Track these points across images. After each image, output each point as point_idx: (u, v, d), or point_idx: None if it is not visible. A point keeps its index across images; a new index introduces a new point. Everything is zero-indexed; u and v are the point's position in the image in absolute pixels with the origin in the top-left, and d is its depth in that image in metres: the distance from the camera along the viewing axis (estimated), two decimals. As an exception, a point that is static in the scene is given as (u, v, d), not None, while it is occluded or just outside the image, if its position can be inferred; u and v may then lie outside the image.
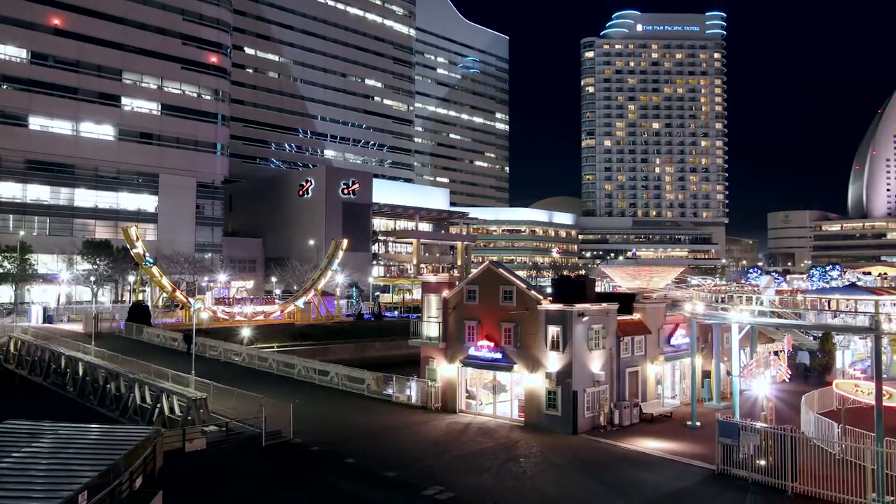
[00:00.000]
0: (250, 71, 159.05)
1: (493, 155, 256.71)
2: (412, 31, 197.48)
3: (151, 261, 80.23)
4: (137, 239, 79.36)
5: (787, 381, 42.12)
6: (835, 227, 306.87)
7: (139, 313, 74.56)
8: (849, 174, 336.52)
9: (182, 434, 31.41)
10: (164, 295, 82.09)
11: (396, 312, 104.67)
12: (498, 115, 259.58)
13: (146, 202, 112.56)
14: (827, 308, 54.54)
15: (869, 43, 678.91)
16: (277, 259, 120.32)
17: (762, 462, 27.02)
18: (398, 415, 40.50)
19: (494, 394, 40.59)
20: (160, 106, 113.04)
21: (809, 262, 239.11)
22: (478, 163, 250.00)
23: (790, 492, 25.89)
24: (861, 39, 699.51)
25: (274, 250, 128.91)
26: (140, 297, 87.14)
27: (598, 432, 36.12)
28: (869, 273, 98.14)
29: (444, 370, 42.07)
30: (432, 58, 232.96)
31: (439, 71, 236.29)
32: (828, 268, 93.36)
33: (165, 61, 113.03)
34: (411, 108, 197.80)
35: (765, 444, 27.08)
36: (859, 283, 77.97)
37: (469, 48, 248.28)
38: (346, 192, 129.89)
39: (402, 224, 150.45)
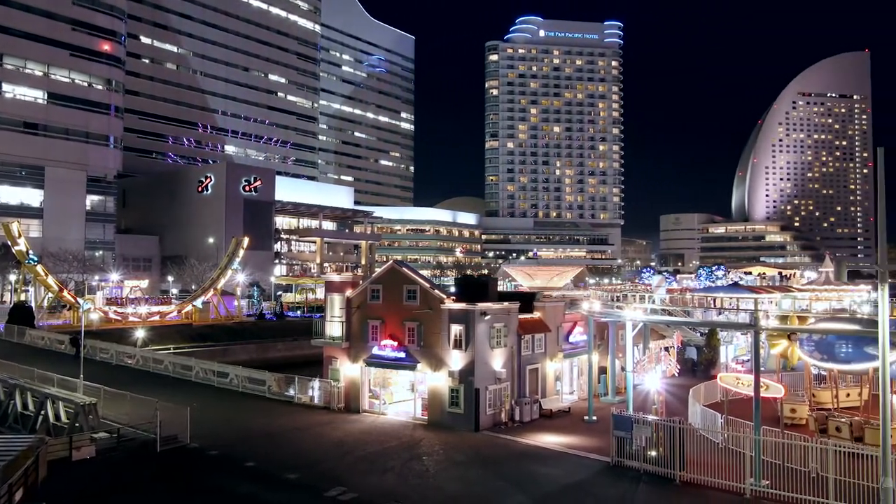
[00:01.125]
0: (147, 61, 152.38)
1: (398, 154, 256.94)
2: (317, 27, 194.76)
3: (35, 258, 75.70)
4: (20, 236, 74.73)
5: (677, 375, 44.43)
6: (720, 230, 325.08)
7: (21, 314, 70.23)
8: (734, 179, 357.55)
9: (69, 442, 29.82)
10: (50, 295, 77.60)
11: (299, 312, 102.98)
12: (403, 115, 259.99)
13: (30, 196, 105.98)
14: (712, 306, 57.90)
15: (756, 51, 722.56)
16: (175, 258, 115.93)
17: (653, 453, 28.33)
18: (300, 416, 39.95)
19: (398, 393, 40.65)
20: (46, 94, 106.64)
21: (697, 263, 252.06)
22: (383, 162, 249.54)
23: (678, 480, 27.28)
24: (748, 48, 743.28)
25: (171, 248, 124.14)
26: (23, 297, 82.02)
27: (500, 429, 36.85)
28: (750, 273, 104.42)
29: (348, 370, 41.84)
30: (338, 55, 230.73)
31: (345, 69, 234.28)
32: (714, 268, 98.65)
33: (53, 47, 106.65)
34: (316, 105, 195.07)
35: (655, 435, 28.42)
36: (741, 283, 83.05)
37: (375, 46, 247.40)
38: (247, 188, 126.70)
39: (305, 222, 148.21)
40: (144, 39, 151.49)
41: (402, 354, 39.39)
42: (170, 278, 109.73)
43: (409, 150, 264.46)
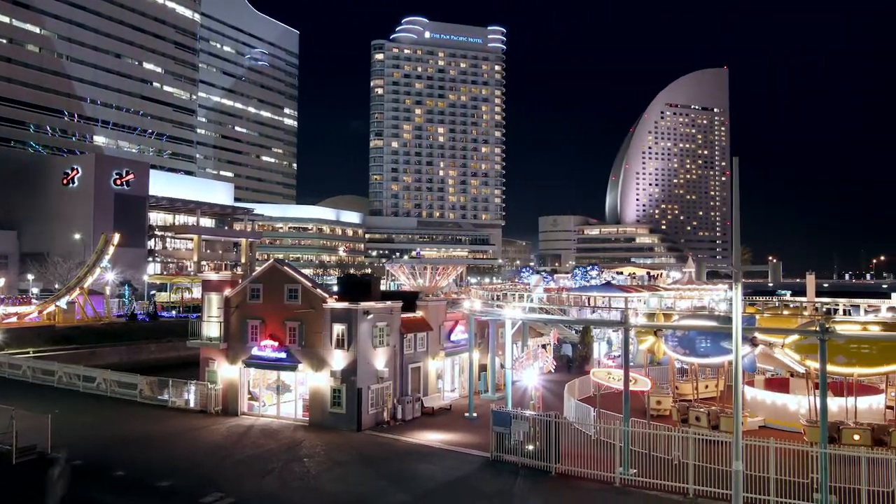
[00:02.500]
0: (4, 41, 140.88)
1: (280, 150, 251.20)
2: (197, 16, 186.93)
3: None
4: None
5: (553, 371, 46.04)
6: (594, 232, 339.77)
7: None
8: (608, 184, 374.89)
9: None
10: None
11: (174, 312, 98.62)
12: (286, 111, 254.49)
13: None
14: (587, 305, 60.50)
15: (630, 61, 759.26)
16: (36, 255, 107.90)
17: (530, 447, 29.34)
18: (175, 420, 38.40)
19: (279, 394, 39.98)
20: None
21: (573, 263, 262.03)
22: (265, 158, 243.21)
23: (554, 472, 28.39)
24: (622, 58, 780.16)
25: (32, 245, 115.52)
26: None
27: (382, 428, 36.95)
28: (621, 273, 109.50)
29: (226, 371, 40.62)
30: (219, 46, 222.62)
31: (226, 60, 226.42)
32: (588, 268, 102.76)
33: None
34: (194, 96, 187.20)
35: (533, 430, 29.45)
36: (613, 282, 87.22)
37: (258, 39, 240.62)
38: (118, 182, 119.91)
39: (182, 219, 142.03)
40: (2, 18, 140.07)
41: (283, 355, 38.70)
42: (30, 277, 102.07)
43: (293, 147, 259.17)
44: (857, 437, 29.65)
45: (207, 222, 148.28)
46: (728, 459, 24.28)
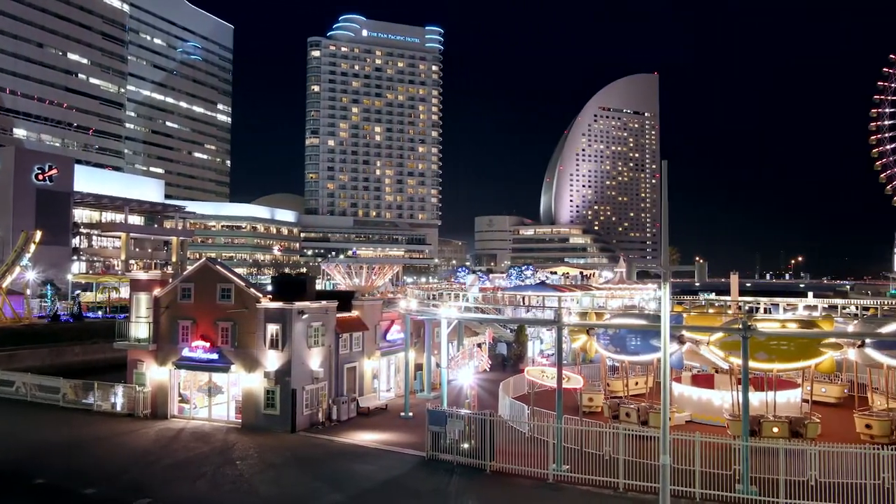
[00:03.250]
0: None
1: (213, 147, 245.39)
2: (125, 7, 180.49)
3: None
4: None
5: (488, 370, 46.56)
6: (529, 232, 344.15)
7: None
8: (542, 185, 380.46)
9: None
10: None
11: (101, 313, 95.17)
12: (220, 106, 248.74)
13: None
14: (522, 304, 61.30)
15: (566, 65, 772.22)
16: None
17: (466, 445, 29.59)
18: (101, 425, 37.16)
19: (210, 396, 39.14)
20: None
21: (509, 263, 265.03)
22: (197, 154, 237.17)
23: (489, 470, 28.71)
24: (559, 61, 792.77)
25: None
26: None
27: (317, 429, 36.63)
28: (555, 272, 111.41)
29: (155, 374, 39.54)
30: (149, 38, 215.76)
31: (157, 54, 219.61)
32: (523, 268, 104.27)
33: None
34: (123, 90, 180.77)
35: (468, 428, 29.71)
36: (548, 282, 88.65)
37: (191, 33, 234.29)
38: (40, 177, 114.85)
39: (109, 216, 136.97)
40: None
41: (215, 356, 37.93)
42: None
43: (226, 144, 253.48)
44: (776, 429, 31.00)
45: (136, 220, 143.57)
46: (657, 454, 25.04)
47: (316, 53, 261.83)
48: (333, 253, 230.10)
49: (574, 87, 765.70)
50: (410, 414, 39.23)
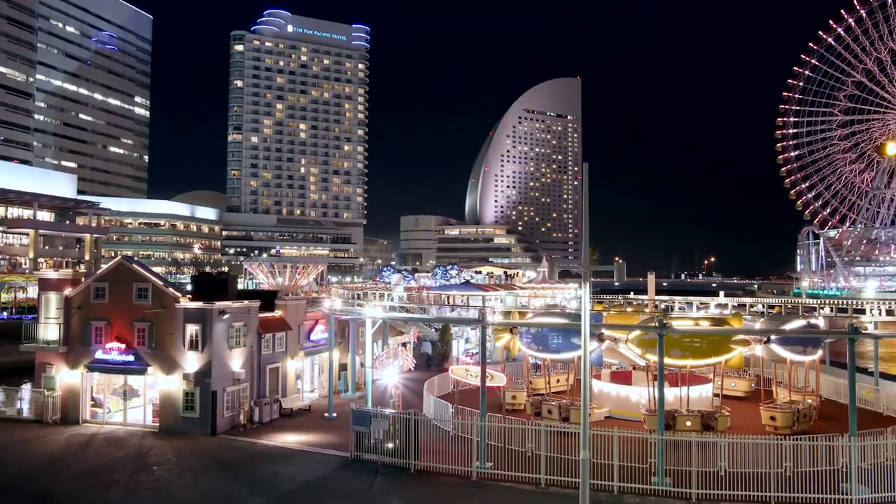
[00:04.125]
0: None
1: (130, 141, 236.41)
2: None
3: None
4: None
5: (413, 369, 46.60)
6: (455, 231, 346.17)
7: None
8: (468, 185, 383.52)
9: None
10: None
11: (6, 314, 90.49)
12: (137, 99, 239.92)
13: None
14: (447, 303, 61.69)
15: (492, 65, 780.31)
16: None
17: (390, 445, 29.59)
18: (4, 432, 35.31)
19: (126, 400, 37.77)
20: None
21: (434, 262, 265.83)
22: (112, 149, 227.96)
23: (413, 469, 28.79)
24: (485, 62, 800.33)
25: None
26: None
27: (239, 431, 35.90)
28: (480, 272, 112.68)
29: (65, 377, 37.87)
30: (61, 26, 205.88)
31: (69, 42, 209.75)
32: (448, 267, 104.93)
33: None
34: (31, 79, 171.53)
35: (393, 428, 29.73)
36: (472, 281, 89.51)
37: (106, 22, 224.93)
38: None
39: (15, 212, 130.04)
40: None
41: (131, 358, 36.66)
42: None
43: (144, 138, 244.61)
44: (689, 423, 32.29)
45: (46, 216, 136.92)
46: (577, 449, 25.69)
47: (239, 48, 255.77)
48: (256, 252, 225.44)
49: (500, 89, 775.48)
50: (335, 414, 38.92)
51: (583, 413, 20.84)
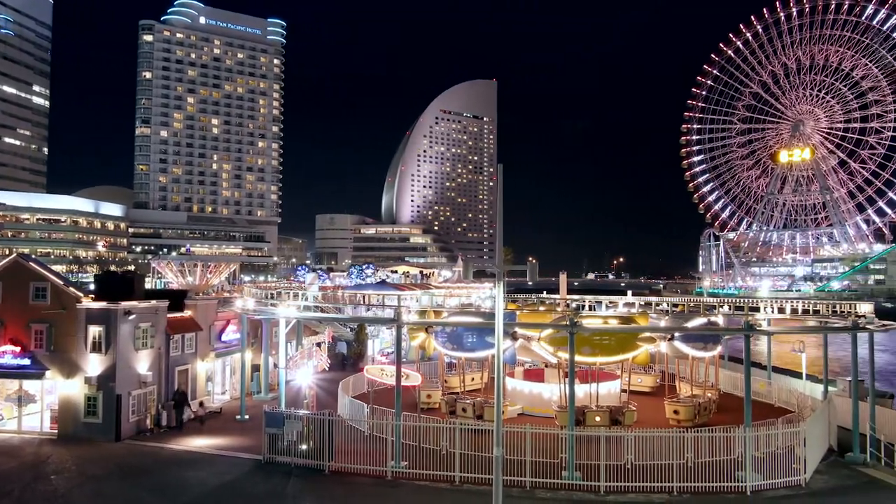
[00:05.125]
0: None
1: (27, 132, 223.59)
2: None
3: None
4: None
5: (328, 369, 46.21)
6: (371, 231, 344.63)
7: None
8: (384, 184, 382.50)
9: None
10: None
11: None
12: (36, 88, 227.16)
13: None
14: (362, 303, 61.39)
15: (409, 65, 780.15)
16: None
17: (304, 446, 29.24)
18: None
19: (21, 406, 35.77)
20: None
21: (350, 261, 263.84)
22: (7, 140, 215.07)
23: (327, 470, 28.56)
24: (403, 62, 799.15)
25: None
26: None
27: (145, 436, 34.67)
28: (396, 271, 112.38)
29: (-47, 382, 35.54)
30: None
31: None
32: (364, 266, 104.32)
33: None
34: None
35: (307, 429, 29.39)
36: (388, 281, 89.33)
37: (1, 5, 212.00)
38: None
39: None
40: None
41: (27, 361, 34.80)
42: None
43: (43, 129, 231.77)
44: (598, 418, 33.33)
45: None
46: (491, 446, 26.11)
47: (148, 38, 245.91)
48: (165, 250, 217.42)
49: (417, 88, 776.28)
50: (246, 416, 38.15)
51: (496, 411, 21.18)
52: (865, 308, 42.01)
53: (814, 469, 27.99)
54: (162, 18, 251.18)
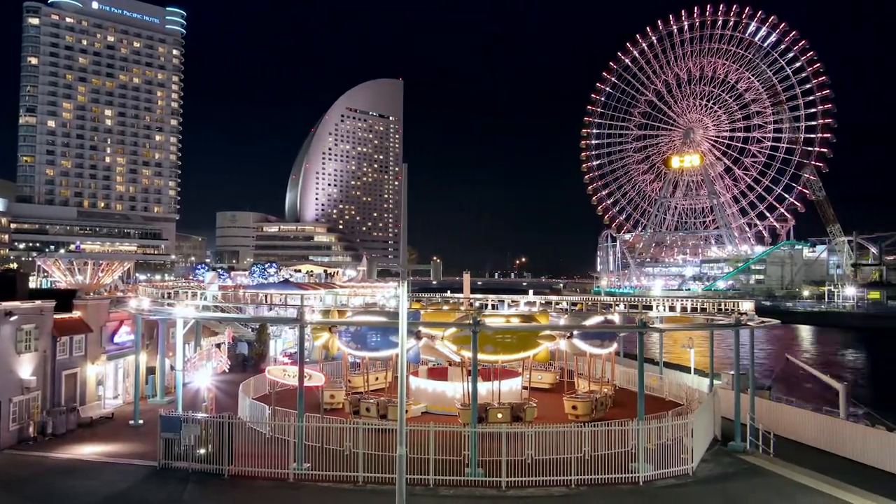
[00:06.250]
0: None
1: None
2: None
3: None
4: None
5: (228, 371, 45.07)
6: (274, 229, 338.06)
7: None
8: (288, 182, 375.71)
9: None
10: None
11: None
12: None
13: None
14: (264, 302, 60.09)
15: (311, 63, 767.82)
16: None
17: (202, 451, 28.39)
18: None
19: None
20: None
21: (252, 260, 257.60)
22: None
23: (227, 474, 27.84)
24: (306, 59, 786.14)
25: None
26: None
27: (28, 445, 32.71)
28: (300, 270, 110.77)
29: None
30: None
31: None
32: (267, 265, 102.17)
33: None
34: None
35: (205, 433, 28.55)
36: (291, 280, 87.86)
37: None
38: None
39: None
40: None
41: None
42: None
43: None
44: (500, 415, 34.04)
45: None
46: (395, 445, 26.20)
47: (34, 21, 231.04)
48: (52, 247, 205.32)
49: (323, 86, 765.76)
50: (141, 421, 36.65)
51: (399, 410, 21.32)
52: (747, 306, 44.77)
53: (700, 458, 29.63)
54: (50, 1, 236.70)
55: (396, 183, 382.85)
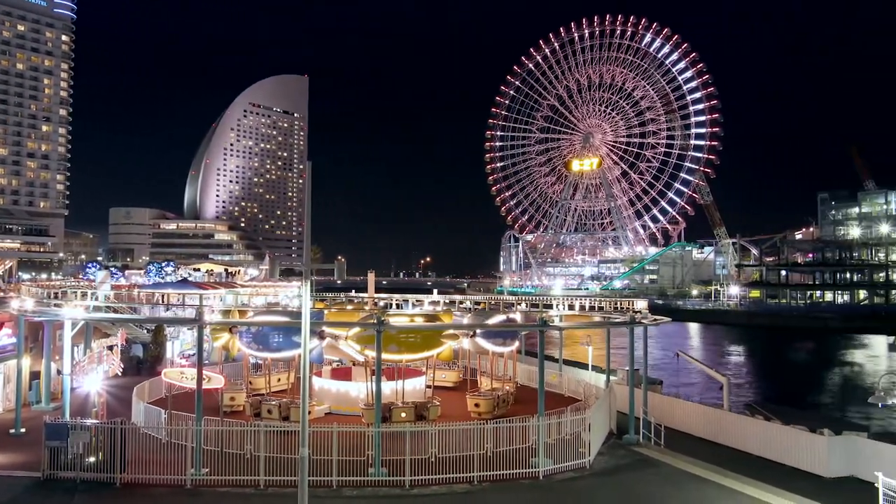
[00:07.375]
0: None
1: None
2: None
3: None
4: None
5: (121, 374, 43.16)
6: (172, 226, 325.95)
7: None
8: (188, 178, 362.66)
9: None
10: None
11: None
12: None
13: None
14: (161, 302, 57.99)
15: (218, 52, 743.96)
16: None
17: (92, 459, 27.07)
18: None
19: None
20: None
21: (148, 258, 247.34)
22: None
23: (118, 483, 26.65)
24: (210, 49, 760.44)
25: None
26: None
27: None
28: (199, 269, 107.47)
29: None
30: None
31: None
32: (164, 264, 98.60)
33: None
34: None
35: (95, 440, 27.23)
36: (190, 279, 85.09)
37: None
38: None
39: None
40: None
41: None
42: None
43: None
44: (404, 414, 34.19)
45: None
46: (297, 447, 25.87)
47: None
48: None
49: (225, 79, 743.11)
50: (23, 430, 34.51)
51: (302, 411, 21.08)
52: (641, 305, 46.84)
53: (597, 451, 30.78)
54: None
55: (301, 181, 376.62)
